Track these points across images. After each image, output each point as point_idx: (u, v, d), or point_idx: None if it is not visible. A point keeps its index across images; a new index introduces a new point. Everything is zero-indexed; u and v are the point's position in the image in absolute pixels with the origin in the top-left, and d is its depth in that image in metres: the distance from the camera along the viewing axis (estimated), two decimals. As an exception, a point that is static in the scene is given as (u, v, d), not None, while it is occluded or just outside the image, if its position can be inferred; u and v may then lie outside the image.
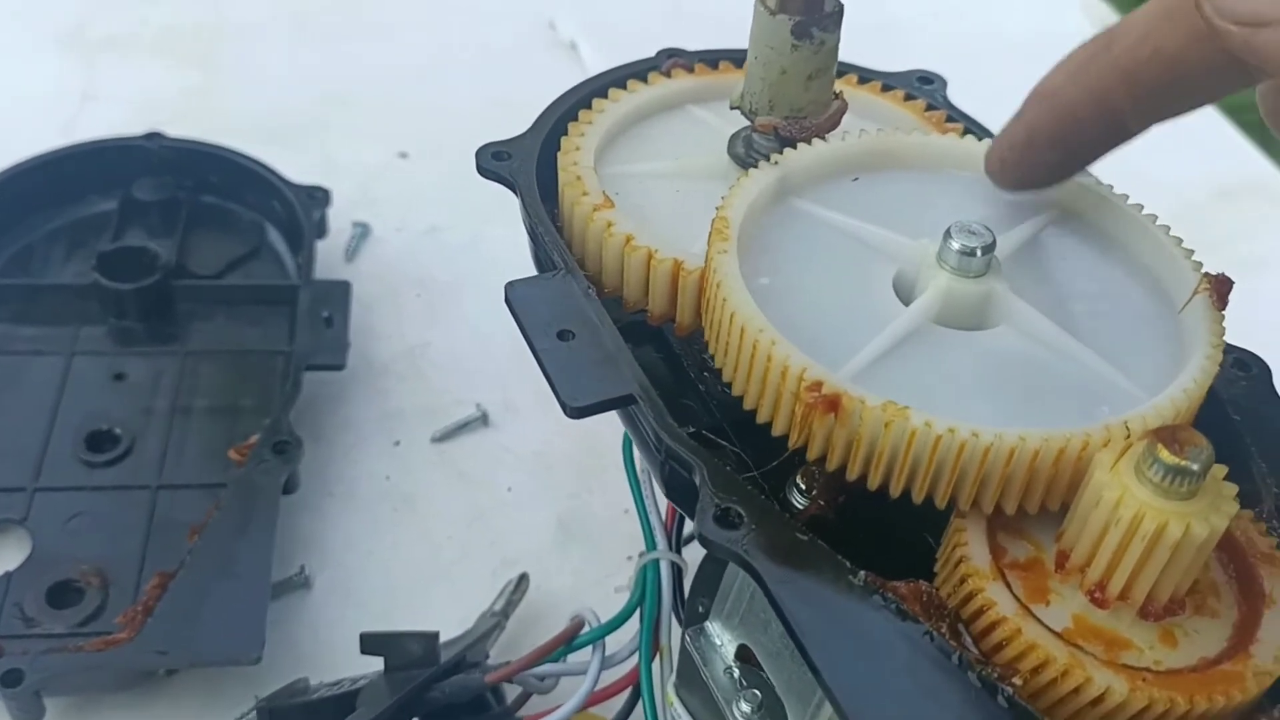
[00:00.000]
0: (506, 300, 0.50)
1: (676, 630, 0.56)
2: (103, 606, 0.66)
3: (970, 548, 0.41)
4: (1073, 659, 0.38)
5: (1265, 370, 0.48)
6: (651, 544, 0.58)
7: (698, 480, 0.43)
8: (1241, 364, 0.48)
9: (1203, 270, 0.46)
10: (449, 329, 0.90)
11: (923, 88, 0.62)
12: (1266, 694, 0.39)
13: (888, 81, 0.62)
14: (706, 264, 0.48)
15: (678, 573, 0.57)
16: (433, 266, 0.94)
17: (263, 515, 0.67)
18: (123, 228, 0.87)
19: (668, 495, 0.48)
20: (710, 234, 0.48)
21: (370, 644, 0.58)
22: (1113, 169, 0.50)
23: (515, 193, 0.56)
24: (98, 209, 0.88)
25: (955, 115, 0.60)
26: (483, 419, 0.83)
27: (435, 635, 0.59)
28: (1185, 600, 0.40)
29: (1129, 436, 0.39)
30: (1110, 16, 1.28)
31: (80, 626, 0.65)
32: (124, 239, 0.85)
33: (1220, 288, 0.46)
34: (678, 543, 0.59)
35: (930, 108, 0.60)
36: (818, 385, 0.41)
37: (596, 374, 0.47)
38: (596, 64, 0.80)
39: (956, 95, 0.62)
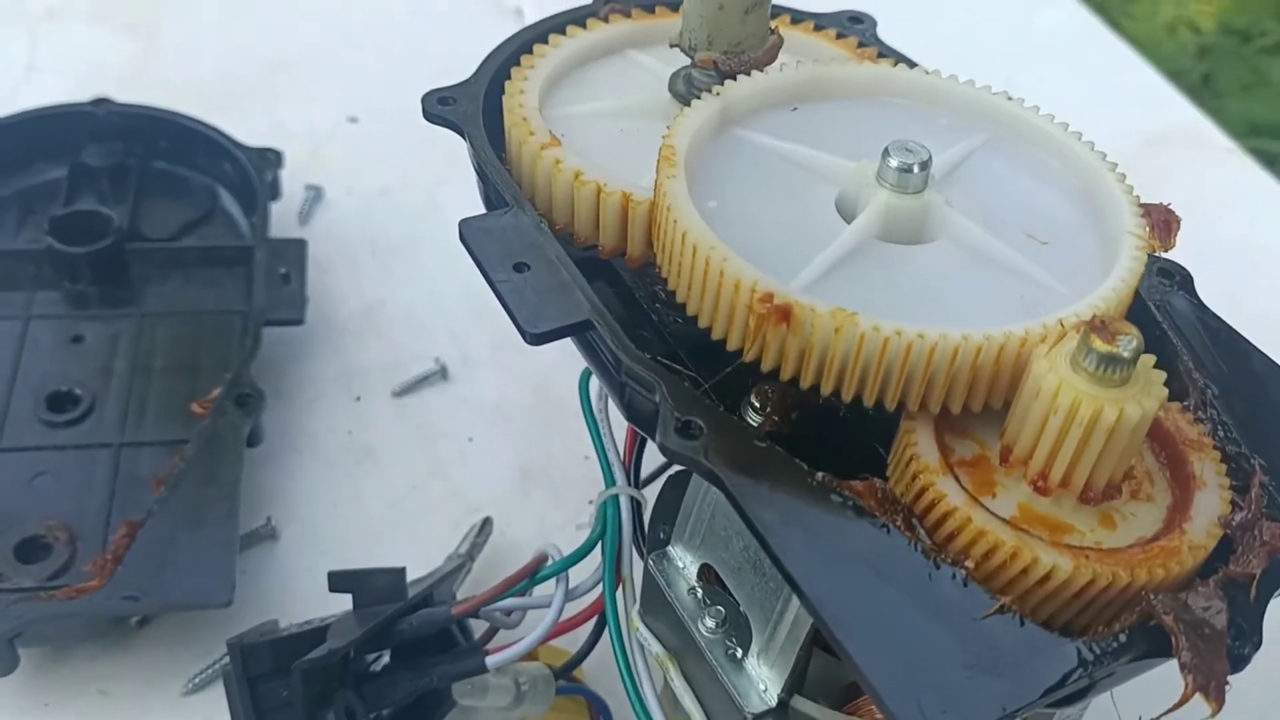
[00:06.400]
0: (461, 237, 0.52)
1: (638, 563, 0.58)
2: (71, 560, 0.66)
3: (920, 447, 0.43)
4: (1020, 541, 0.40)
5: (1187, 277, 0.51)
6: (611, 480, 0.60)
7: (658, 398, 0.45)
8: (1165, 272, 0.51)
9: (1127, 182, 0.49)
10: (405, 287, 0.91)
11: (853, 26, 0.64)
12: (1201, 568, 0.41)
13: (819, 21, 0.64)
14: (656, 190, 0.49)
15: (637, 507, 0.59)
16: (386, 227, 0.95)
17: (228, 464, 0.68)
18: (74, 194, 0.87)
19: (629, 418, 0.50)
20: (658, 162, 0.49)
21: (338, 581, 0.60)
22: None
23: (463, 136, 0.57)
24: (47, 176, 0.88)
25: (887, 51, 0.62)
26: (441, 373, 0.84)
27: (402, 571, 0.61)
28: (1122, 486, 0.42)
29: (1064, 331, 0.41)
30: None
31: (50, 580, 0.65)
32: (75, 205, 0.85)
33: (1163, 219, 0.48)
34: (636, 479, 0.61)
35: (862, 45, 0.62)
36: (769, 296, 0.43)
37: (554, 302, 0.49)
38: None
39: (889, 40, 0.64)
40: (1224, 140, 1.13)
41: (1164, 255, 0.51)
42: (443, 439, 0.81)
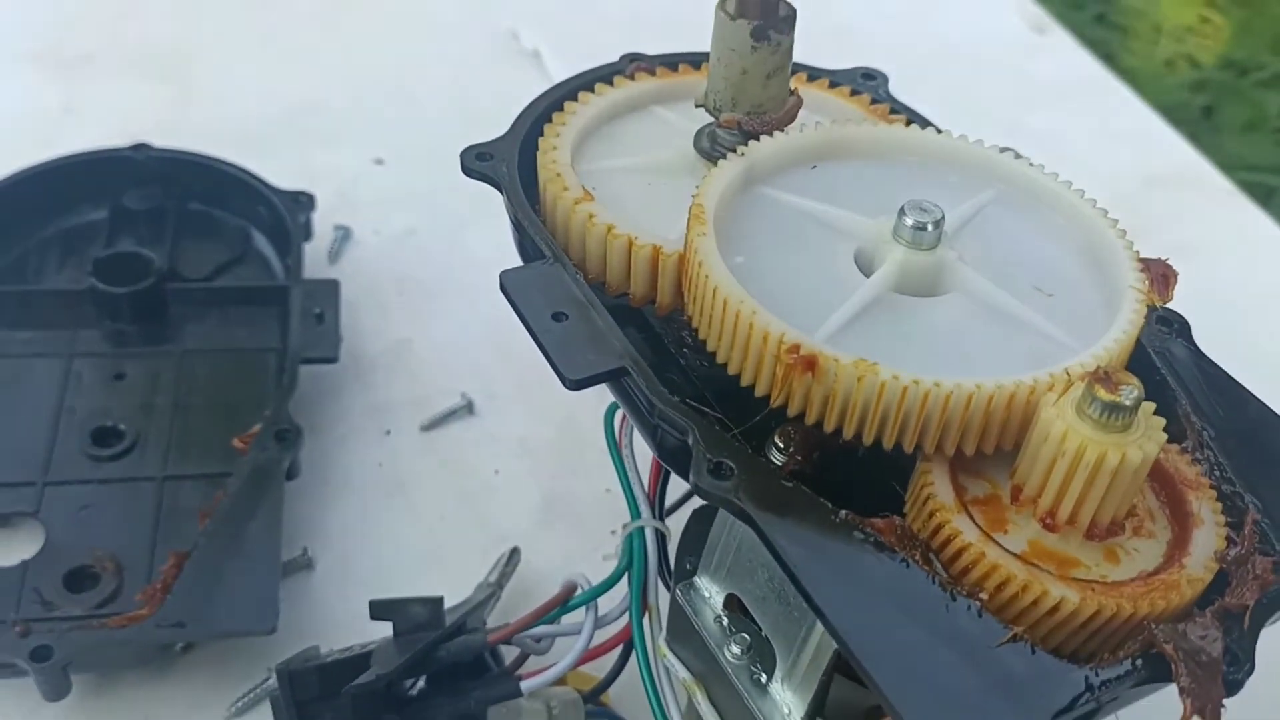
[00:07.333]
0: (502, 287, 0.55)
1: (663, 592, 0.61)
2: (119, 589, 0.70)
3: (936, 487, 0.46)
4: (1031, 575, 0.43)
5: (1185, 325, 0.54)
6: (636, 513, 0.63)
7: (690, 440, 0.48)
8: (1164, 320, 0.54)
9: (1127, 237, 0.52)
10: (431, 325, 0.94)
11: (866, 83, 0.67)
12: (1198, 599, 0.44)
13: (834, 78, 0.67)
14: (687, 246, 0.52)
15: (661, 539, 0.62)
16: (412, 266, 0.99)
17: (269, 497, 0.71)
18: (114, 236, 0.91)
19: (660, 456, 0.53)
20: (688, 220, 0.52)
21: (379, 610, 0.63)
22: (1049, 159, 0.56)
23: (500, 190, 0.60)
24: (89, 218, 0.92)
25: (898, 108, 0.65)
26: (468, 408, 0.88)
27: (440, 599, 0.64)
28: (1125, 523, 0.45)
29: (1070, 381, 0.44)
30: (1045, 19, 1.35)
31: (98, 608, 0.69)
32: (116, 246, 0.89)
33: (1161, 273, 0.52)
34: (660, 511, 0.64)
35: (875, 101, 0.66)
36: (796, 347, 0.46)
37: (591, 350, 0.52)
38: (559, 71, 0.85)
39: (899, 91, 0.67)
40: (1223, 181, 1.16)
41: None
42: (470, 472, 0.84)
